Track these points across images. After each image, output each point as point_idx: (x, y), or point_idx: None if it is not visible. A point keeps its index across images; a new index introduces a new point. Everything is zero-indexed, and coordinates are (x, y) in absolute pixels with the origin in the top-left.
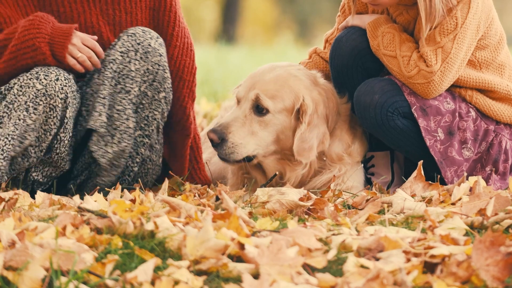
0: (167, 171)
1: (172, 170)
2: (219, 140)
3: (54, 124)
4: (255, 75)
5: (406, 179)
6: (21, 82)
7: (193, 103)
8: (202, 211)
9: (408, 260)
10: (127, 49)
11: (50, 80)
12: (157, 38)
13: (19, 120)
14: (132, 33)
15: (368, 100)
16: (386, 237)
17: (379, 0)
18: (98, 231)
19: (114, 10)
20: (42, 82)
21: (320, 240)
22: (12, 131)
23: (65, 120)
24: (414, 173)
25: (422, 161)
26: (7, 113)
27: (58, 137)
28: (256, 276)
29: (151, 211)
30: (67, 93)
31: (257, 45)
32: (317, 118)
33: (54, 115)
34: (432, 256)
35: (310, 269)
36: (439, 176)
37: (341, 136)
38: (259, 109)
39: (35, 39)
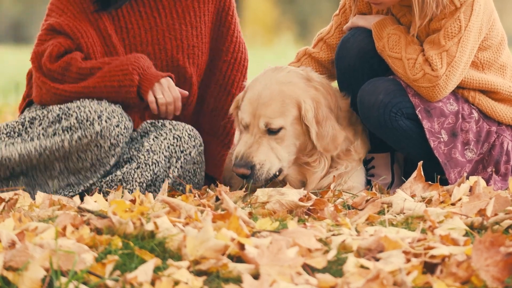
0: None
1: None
2: (250, 169)
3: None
4: (253, 100)
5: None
6: (81, 116)
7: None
8: (202, 212)
9: (408, 260)
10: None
11: (110, 124)
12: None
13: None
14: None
15: (372, 100)
16: (386, 238)
17: None
18: (98, 231)
19: (181, 24)
20: (102, 124)
21: (320, 240)
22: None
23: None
24: (414, 174)
25: (422, 161)
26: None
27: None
28: (256, 276)
29: (151, 212)
30: (119, 142)
31: (257, 45)
32: (323, 112)
33: (97, 152)
34: (432, 257)
35: (310, 270)
36: (439, 176)
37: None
38: (271, 131)
39: (129, 64)
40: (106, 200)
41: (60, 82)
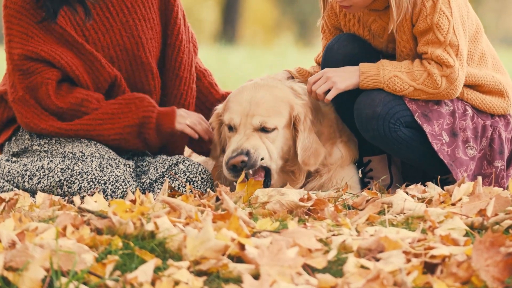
0: None
1: None
2: (247, 155)
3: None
4: (243, 101)
5: (405, 181)
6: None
7: (193, 100)
8: (202, 212)
9: (408, 260)
10: None
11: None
12: None
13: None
14: None
15: (370, 112)
16: (386, 238)
17: (352, 0)
18: (99, 231)
19: (134, 19)
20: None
21: (320, 240)
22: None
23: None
24: None
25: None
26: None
27: None
28: (256, 276)
29: (151, 212)
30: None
31: (257, 46)
32: (308, 122)
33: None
34: (432, 257)
35: (310, 270)
36: (439, 177)
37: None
38: (265, 130)
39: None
40: (106, 200)
41: (68, 120)
